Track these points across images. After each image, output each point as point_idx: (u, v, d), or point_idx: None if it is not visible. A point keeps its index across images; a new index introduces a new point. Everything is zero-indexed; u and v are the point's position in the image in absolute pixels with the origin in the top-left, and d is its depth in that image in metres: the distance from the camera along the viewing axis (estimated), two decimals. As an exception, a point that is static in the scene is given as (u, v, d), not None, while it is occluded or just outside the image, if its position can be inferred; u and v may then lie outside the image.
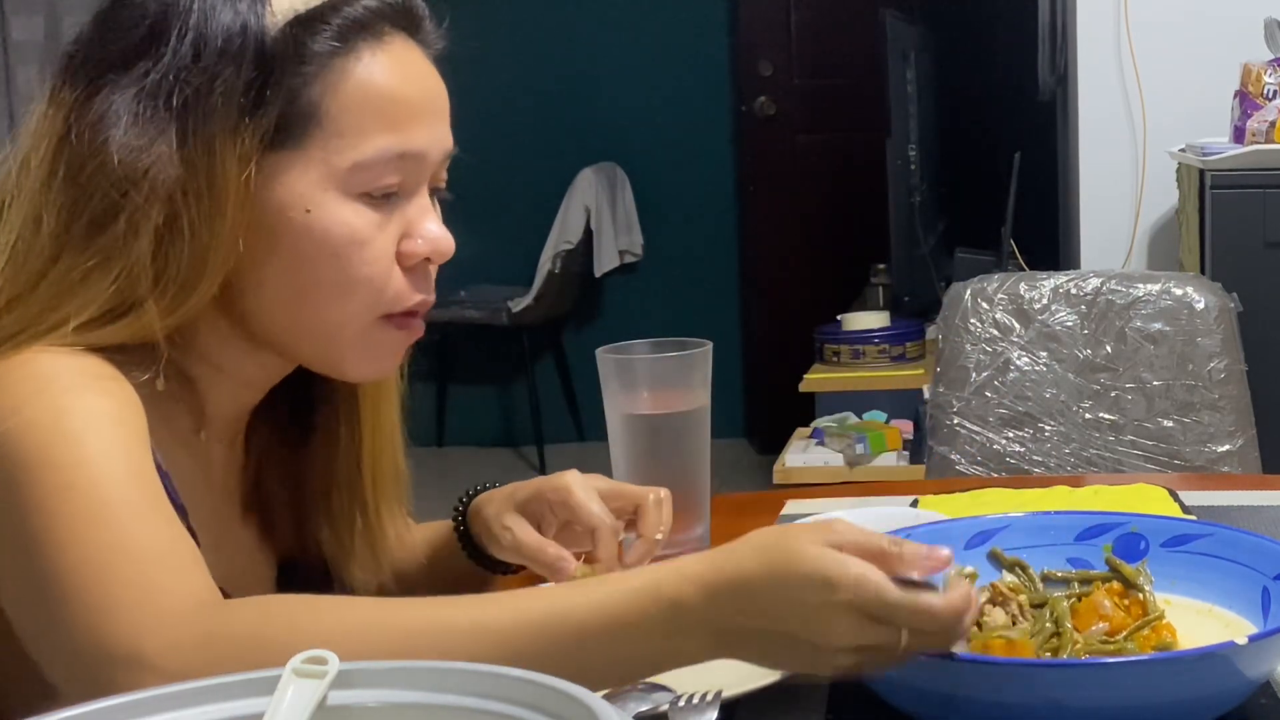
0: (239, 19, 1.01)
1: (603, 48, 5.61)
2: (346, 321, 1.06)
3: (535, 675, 0.70)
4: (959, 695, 0.90)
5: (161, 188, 0.98)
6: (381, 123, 1.04)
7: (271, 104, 1.01)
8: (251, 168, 1.00)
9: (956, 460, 2.20)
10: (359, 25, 1.04)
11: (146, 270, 0.99)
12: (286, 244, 1.03)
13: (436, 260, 1.09)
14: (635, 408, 1.32)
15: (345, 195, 1.03)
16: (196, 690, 0.71)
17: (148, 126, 0.99)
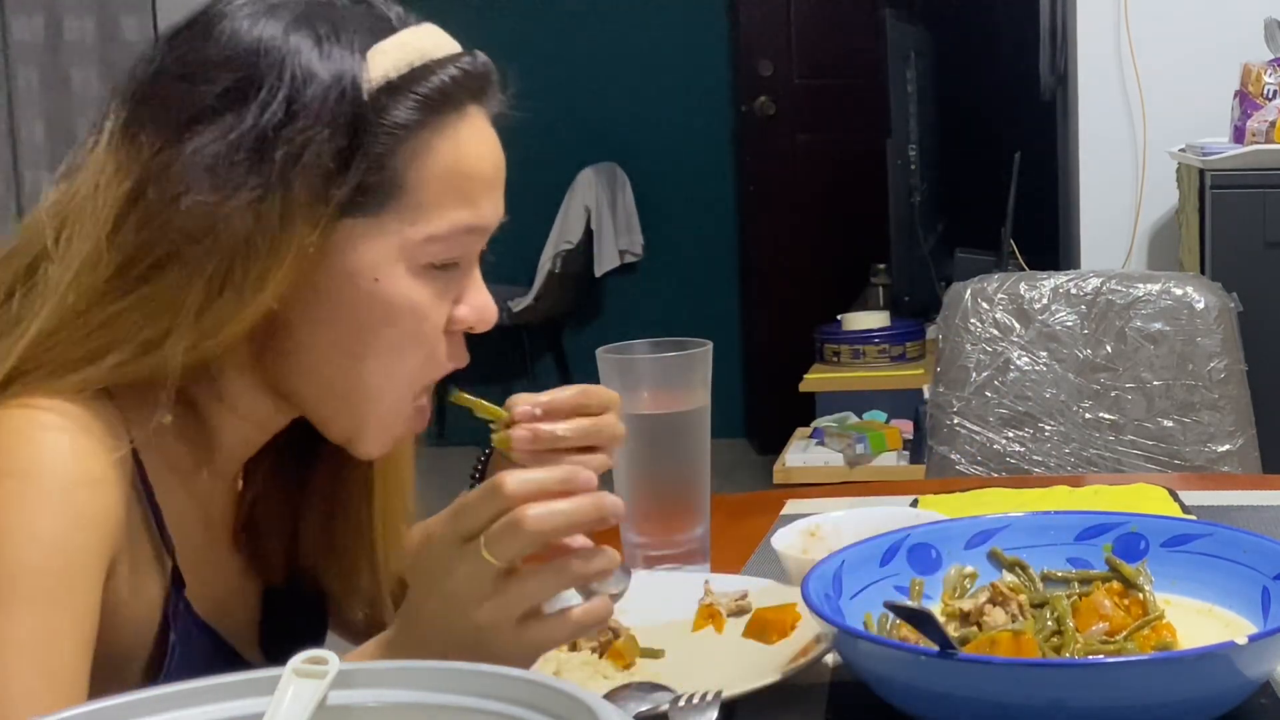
0: (337, 83, 0.99)
1: (603, 48, 5.61)
2: (388, 390, 1.04)
3: (535, 675, 0.70)
4: (959, 695, 0.90)
5: (226, 242, 0.96)
6: (458, 197, 1.03)
7: (355, 171, 0.99)
8: (321, 232, 0.99)
9: (956, 460, 2.20)
10: (444, 95, 1.02)
11: (189, 317, 0.97)
12: (346, 310, 1.01)
13: (479, 329, 1.08)
14: (635, 408, 1.32)
15: (412, 266, 1.02)
16: (196, 690, 0.71)
17: (226, 182, 0.97)
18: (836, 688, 1.05)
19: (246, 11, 1.01)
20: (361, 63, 1.00)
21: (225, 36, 1.00)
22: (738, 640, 1.15)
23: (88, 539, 0.95)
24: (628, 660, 1.12)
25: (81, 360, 0.97)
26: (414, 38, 1.03)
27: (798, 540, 1.26)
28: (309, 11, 1.01)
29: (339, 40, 1.00)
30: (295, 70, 0.98)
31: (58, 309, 0.98)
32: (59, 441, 0.95)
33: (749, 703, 1.02)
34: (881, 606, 1.05)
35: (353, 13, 1.03)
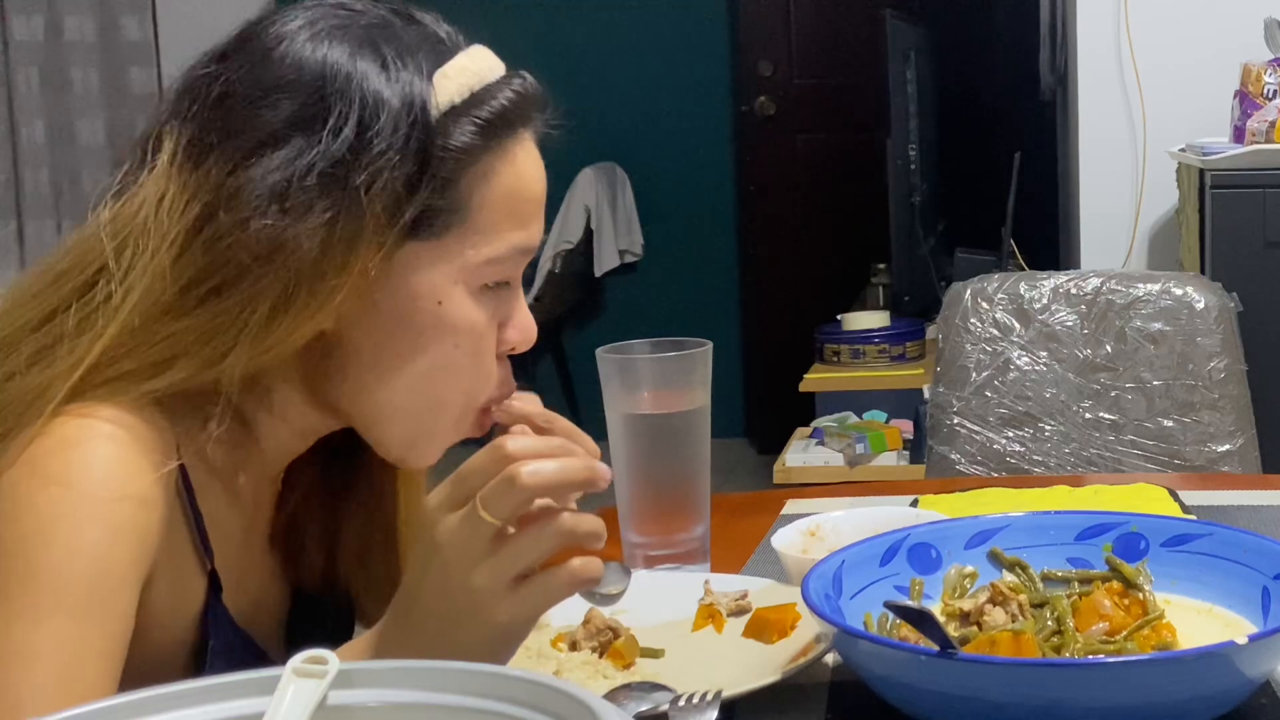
0: (408, 108, 1.00)
1: (603, 48, 5.61)
2: (444, 409, 1.06)
3: (535, 675, 0.70)
4: (959, 695, 0.90)
5: (293, 265, 0.97)
6: (515, 221, 1.04)
7: (422, 195, 1.00)
8: (385, 255, 0.99)
9: (956, 460, 2.20)
10: (503, 119, 1.03)
11: (250, 336, 0.98)
12: (407, 330, 1.02)
13: (522, 349, 1.09)
14: (635, 408, 1.32)
15: (471, 287, 1.03)
16: (196, 690, 0.71)
17: (295, 207, 0.97)
18: (836, 688, 1.05)
19: (307, 34, 1.01)
20: (429, 87, 1.01)
21: (289, 59, 1.00)
22: (738, 640, 1.15)
23: (126, 553, 0.95)
24: (628, 660, 1.12)
25: (142, 373, 0.98)
26: (471, 61, 1.04)
27: (798, 540, 1.26)
28: (371, 35, 1.02)
29: (405, 64, 1.01)
30: (365, 95, 0.99)
31: (125, 324, 0.98)
32: (107, 454, 0.96)
33: (749, 703, 1.02)
34: (881, 606, 1.05)
35: (411, 35, 1.03)
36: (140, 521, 0.96)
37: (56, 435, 0.96)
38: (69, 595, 0.92)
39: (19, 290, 1.03)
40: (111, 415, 0.97)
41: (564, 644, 1.15)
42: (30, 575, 0.93)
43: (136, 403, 0.98)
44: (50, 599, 0.92)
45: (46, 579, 0.93)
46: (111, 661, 0.94)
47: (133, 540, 0.95)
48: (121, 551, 0.95)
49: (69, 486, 0.94)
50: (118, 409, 0.97)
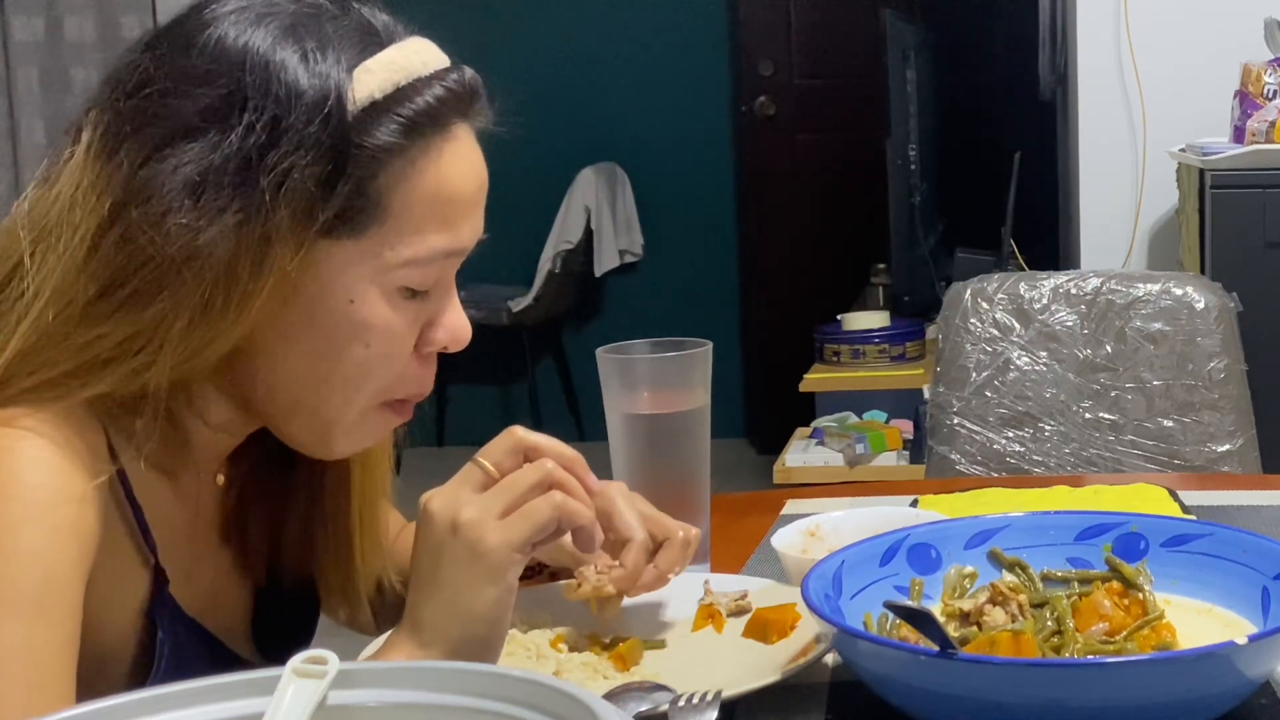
0: (322, 104, 0.96)
1: (603, 48, 5.61)
2: (351, 406, 1.04)
3: (535, 675, 0.70)
4: (959, 695, 0.90)
5: (209, 267, 0.95)
6: (439, 222, 1.01)
7: (339, 195, 0.97)
8: (301, 253, 0.97)
9: (956, 460, 2.20)
10: (429, 116, 1.00)
11: (174, 342, 0.96)
12: (317, 329, 1.01)
13: (453, 349, 1.07)
14: (635, 408, 1.32)
15: (387, 288, 1.01)
16: (196, 690, 0.71)
17: (209, 205, 0.95)
18: (836, 688, 1.05)
19: (233, 20, 0.99)
20: (348, 82, 0.97)
21: (211, 46, 0.98)
22: (738, 640, 1.15)
23: (68, 552, 0.94)
24: (629, 662, 1.12)
25: (65, 379, 0.96)
26: (400, 55, 1.00)
27: (798, 540, 1.26)
28: (296, 23, 0.99)
29: (326, 56, 0.98)
30: (281, 88, 0.96)
31: (36, 326, 0.96)
32: (37, 458, 0.94)
33: (749, 703, 1.02)
34: (881, 606, 1.05)
35: (341, 25, 1.00)
36: (78, 520, 0.95)
37: None
38: (18, 599, 0.92)
39: None
40: (36, 422, 0.95)
41: (564, 644, 1.15)
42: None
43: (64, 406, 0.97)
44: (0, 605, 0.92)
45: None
46: (67, 659, 0.94)
47: (72, 539, 0.94)
48: (63, 551, 0.94)
49: (2, 494, 0.93)
50: (43, 414, 0.96)
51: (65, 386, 0.96)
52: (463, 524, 0.98)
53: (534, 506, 1.00)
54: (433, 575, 0.99)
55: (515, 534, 0.99)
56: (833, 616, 0.99)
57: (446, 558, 0.99)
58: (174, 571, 1.05)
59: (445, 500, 1.00)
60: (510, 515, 0.99)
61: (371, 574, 1.18)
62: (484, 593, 0.98)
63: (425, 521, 1.01)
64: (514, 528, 0.99)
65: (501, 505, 0.99)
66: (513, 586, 1.00)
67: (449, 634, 0.99)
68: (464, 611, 0.99)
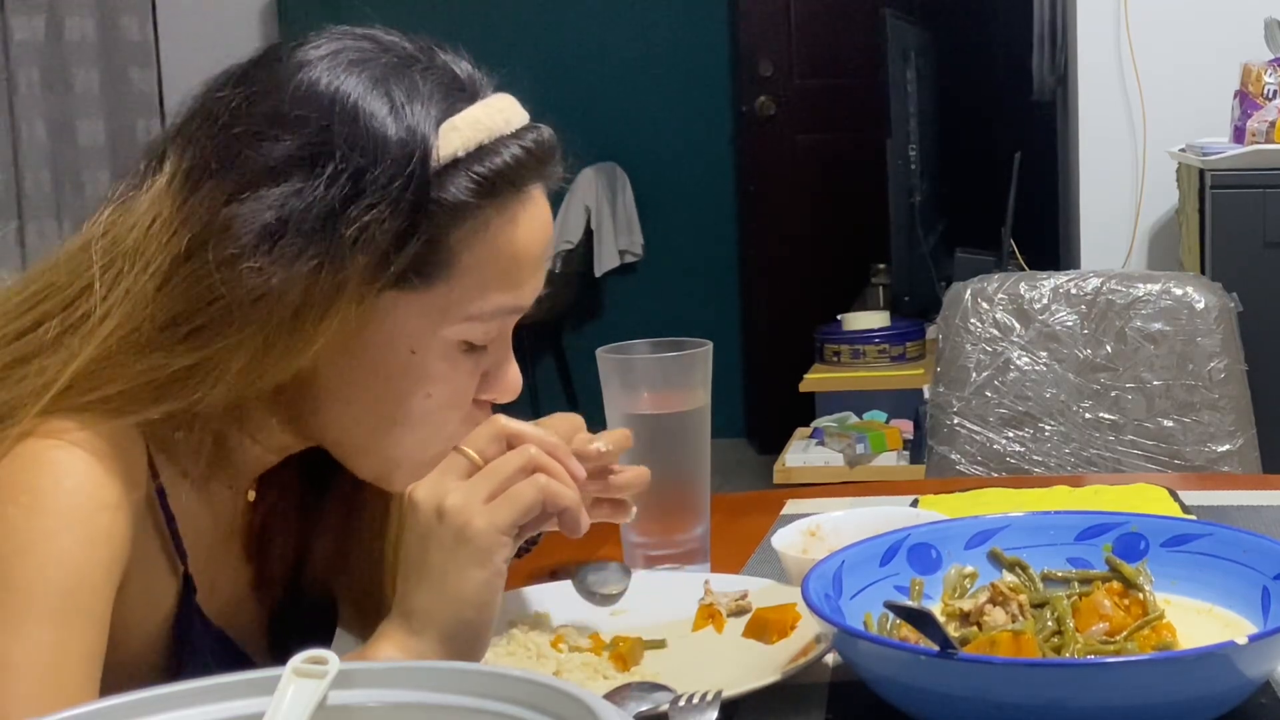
0: (408, 160, 0.97)
1: (603, 48, 5.61)
2: (416, 452, 1.05)
3: (535, 675, 0.70)
4: (959, 695, 0.90)
5: (277, 312, 0.96)
6: (505, 280, 1.03)
7: (412, 246, 0.98)
8: (367, 302, 0.98)
9: (956, 460, 2.20)
10: (507, 178, 1.01)
11: (231, 376, 0.97)
12: (380, 376, 1.02)
13: (503, 400, 1.09)
14: (635, 408, 1.32)
15: (449, 341, 1.03)
16: (196, 690, 0.71)
17: (284, 252, 0.95)
18: (836, 688, 1.05)
19: (326, 65, 0.99)
20: (434, 138, 0.98)
21: (303, 90, 0.98)
22: (738, 640, 1.15)
23: (100, 560, 0.95)
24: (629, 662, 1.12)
25: (121, 399, 0.97)
26: (485, 114, 1.02)
27: (798, 540, 1.26)
28: (387, 74, 1.00)
29: (414, 110, 0.98)
30: (368, 140, 0.97)
31: (101, 348, 0.97)
32: (76, 467, 0.95)
33: (749, 703, 1.02)
34: (881, 606, 1.05)
35: (429, 77, 1.01)
36: (112, 529, 0.96)
37: (25, 454, 0.95)
38: (47, 604, 0.93)
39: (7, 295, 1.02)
40: (81, 436, 0.96)
41: (564, 644, 1.15)
42: (8, 588, 0.93)
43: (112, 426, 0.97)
44: (29, 609, 0.92)
45: (24, 590, 0.93)
46: (92, 665, 0.95)
47: (105, 547, 0.95)
48: (95, 558, 0.95)
49: (40, 499, 0.94)
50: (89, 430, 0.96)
51: (120, 407, 0.97)
52: (448, 509, 0.99)
53: (519, 489, 1.00)
54: (420, 562, 0.99)
55: (501, 517, 0.99)
56: (833, 616, 0.99)
57: (433, 544, 0.99)
58: (201, 581, 1.06)
59: (430, 488, 1.00)
60: (496, 499, 0.99)
61: None
62: (472, 576, 0.98)
63: (411, 510, 1.01)
64: (500, 511, 0.99)
65: (486, 490, 0.99)
66: (501, 569, 1.00)
67: (439, 619, 0.99)
68: (453, 596, 0.99)
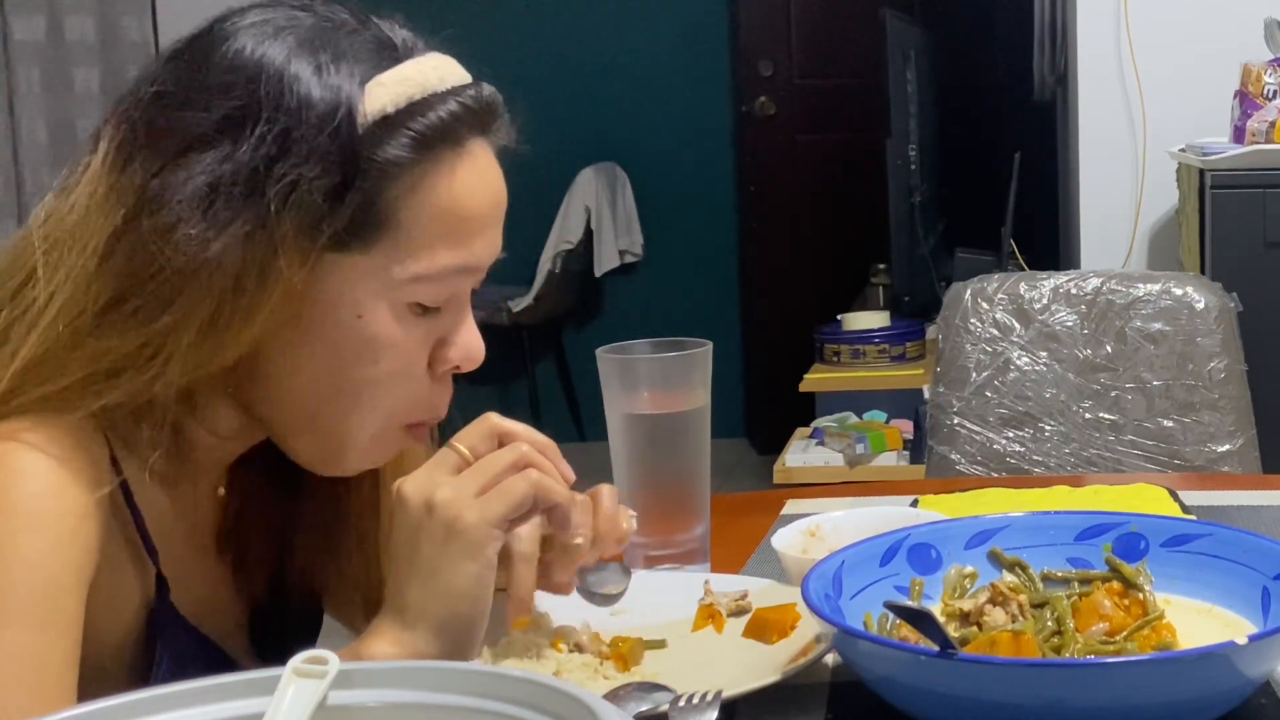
0: (332, 116, 0.96)
1: (603, 48, 5.61)
2: (364, 426, 1.04)
3: (535, 675, 0.70)
4: (959, 695, 0.90)
5: (217, 280, 0.95)
6: (450, 238, 1.01)
7: (347, 208, 0.97)
8: (308, 267, 0.97)
9: (956, 460, 2.20)
10: (442, 132, 1.00)
11: (181, 354, 0.96)
12: (326, 343, 1.01)
13: (466, 369, 1.07)
14: (635, 408, 1.32)
15: (396, 304, 1.01)
16: (196, 690, 0.71)
17: (218, 216, 0.95)
18: (836, 688, 1.05)
19: (252, 33, 0.99)
20: (359, 95, 0.97)
21: (229, 57, 0.98)
22: (738, 640, 1.15)
23: (70, 560, 0.94)
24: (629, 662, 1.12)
25: (75, 388, 0.96)
26: (416, 70, 1.00)
27: (798, 540, 1.26)
28: (313, 36, 0.99)
29: (339, 69, 0.98)
30: (293, 100, 0.96)
31: (47, 335, 0.96)
32: (39, 468, 0.95)
33: (749, 703, 1.02)
34: (881, 606, 1.05)
35: (358, 39, 1.00)
36: (80, 529, 0.95)
37: None
38: (20, 607, 0.92)
39: None
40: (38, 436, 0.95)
41: (564, 644, 1.15)
42: None
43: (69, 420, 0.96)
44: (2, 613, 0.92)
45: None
46: (69, 666, 0.94)
47: (74, 547, 0.95)
48: (66, 559, 0.94)
49: (4, 504, 0.93)
50: (45, 428, 0.96)
51: (75, 396, 0.96)
52: (438, 503, 0.98)
53: (511, 483, 1.00)
54: (412, 557, 0.99)
55: (492, 510, 0.99)
56: (833, 616, 0.99)
57: (424, 538, 0.99)
58: (173, 579, 1.05)
59: (419, 482, 1.00)
60: (487, 493, 0.99)
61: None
62: (464, 570, 0.98)
63: (400, 504, 1.00)
64: (491, 504, 0.99)
65: (477, 484, 0.99)
66: (492, 563, 1.00)
67: (432, 614, 0.99)
68: (445, 590, 0.98)
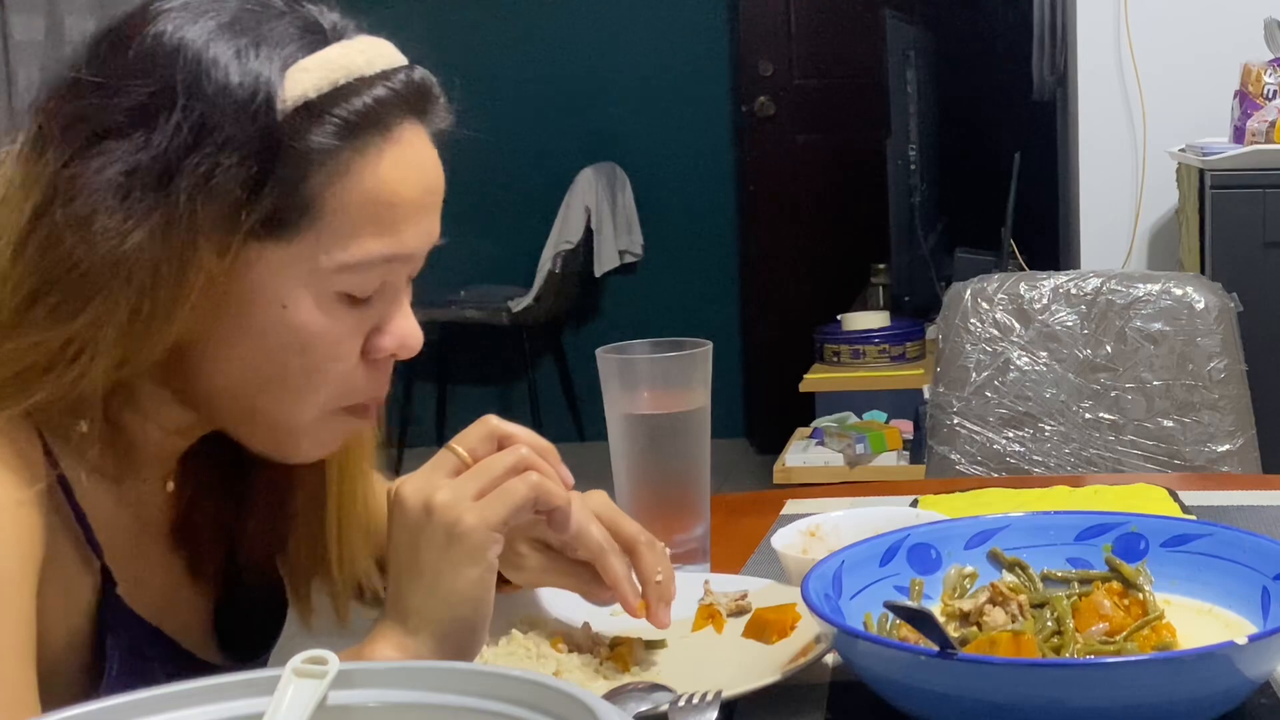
0: (249, 103, 0.93)
1: (603, 48, 5.61)
2: (301, 414, 1.01)
3: (535, 675, 0.70)
4: (959, 695, 0.90)
5: (138, 272, 0.92)
6: (377, 226, 0.97)
7: (267, 197, 0.93)
8: (230, 257, 0.94)
9: (956, 460, 2.20)
10: (367, 118, 0.96)
11: (106, 348, 0.93)
12: (253, 334, 0.97)
13: (403, 357, 1.04)
14: (635, 408, 1.32)
15: (324, 294, 0.97)
16: (196, 690, 0.71)
17: (134, 208, 0.91)
18: (836, 688, 1.05)
19: (175, 17, 0.96)
20: (279, 80, 0.94)
21: (148, 42, 0.95)
22: (738, 640, 1.15)
23: (16, 554, 0.92)
24: (629, 662, 1.12)
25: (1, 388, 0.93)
26: (341, 53, 0.97)
27: (798, 540, 1.26)
28: (235, 19, 0.96)
29: (259, 53, 0.94)
30: (210, 86, 0.93)
31: None
32: None
33: (749, 703, 1.02)
34: (881, 606, 1.05)
35: (283, 23, 0.97)
36: (19, 517, 0.93)
37: None
38: None
39: None
40: None
41: (564, 644, 1.15)
42: None
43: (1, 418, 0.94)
44: None
45: None
46: (25, 663, 0.92)
47: (16, 545, 0.92)
48: (12, 554, 0.92)
49: None
50: None
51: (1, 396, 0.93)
52: (438, 506, 0.98)
53: (511, 485, 0.99)
54: (412, 561, 0.99)
55: (492, 513, 0.98)
56: (833, 616, 0.99)
57: (424, 541, 0.98)
58: (123, 575, 1.03)
59: (418, 485, 0.99)
60: (486, 495, 0.99)
61: (350, 579, 1.16)
62: (466, 573, 0.98)
63: (398, 506, 1.00)
64: (491, 507, 0.98)
65: (476, 487, 0.99)
66: (493, 566, 0.99)
67: (435, 618, 0.98)
68: (447, 594, 0.98)
